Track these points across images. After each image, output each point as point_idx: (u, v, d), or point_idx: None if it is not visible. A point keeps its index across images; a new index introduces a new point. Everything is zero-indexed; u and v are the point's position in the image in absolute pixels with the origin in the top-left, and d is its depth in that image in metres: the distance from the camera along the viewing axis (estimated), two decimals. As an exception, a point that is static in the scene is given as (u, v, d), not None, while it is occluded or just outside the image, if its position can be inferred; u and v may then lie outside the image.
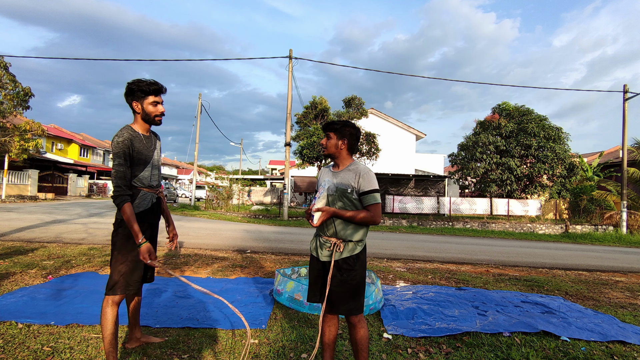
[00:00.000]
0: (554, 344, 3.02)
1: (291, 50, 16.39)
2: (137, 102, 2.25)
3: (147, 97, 2.25)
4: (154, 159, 2.35)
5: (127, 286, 2.21)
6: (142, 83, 2.23)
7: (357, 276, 2.15)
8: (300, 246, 8.15)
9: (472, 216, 17.79)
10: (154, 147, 2.37)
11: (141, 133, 2.29)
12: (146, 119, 2.29)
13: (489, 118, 18.84)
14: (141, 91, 2.23)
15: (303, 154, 15.57)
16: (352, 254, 2.15)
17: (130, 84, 2.24)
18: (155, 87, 2.25)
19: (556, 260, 8.11)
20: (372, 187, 2.12)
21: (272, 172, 51.06)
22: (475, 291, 4.62)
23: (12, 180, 21.10)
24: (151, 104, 2.25)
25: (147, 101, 2.25)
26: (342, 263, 2.15)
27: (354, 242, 2.16)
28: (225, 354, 2.57)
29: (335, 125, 2.22)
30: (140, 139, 2.26)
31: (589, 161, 24.35)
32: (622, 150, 16.58)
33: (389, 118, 25.66)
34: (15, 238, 7.24)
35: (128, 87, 2.25)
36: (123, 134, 2.18)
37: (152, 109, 2.26)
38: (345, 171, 2.20)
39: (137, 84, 2.23)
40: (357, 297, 2.17)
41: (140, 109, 2.26)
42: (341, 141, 2.20)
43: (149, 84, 2.23)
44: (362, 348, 2.16)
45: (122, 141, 2.15)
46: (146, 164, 2.29)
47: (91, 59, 17.20)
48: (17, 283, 4.01)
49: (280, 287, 3.88)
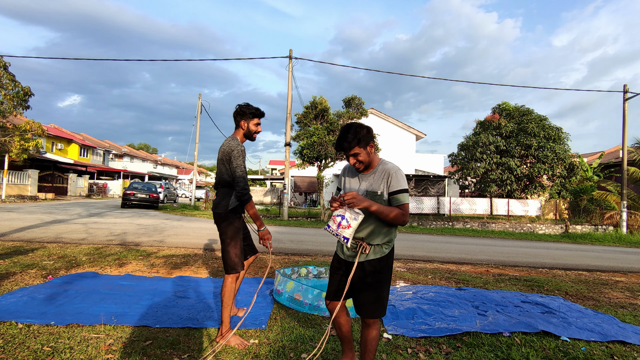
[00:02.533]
0: (554, 344, 3.02)
1: (291, 50, 16.40)
2: (245, 121, 2.78)
3: (253, 119, 2.80)
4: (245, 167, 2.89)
5: (241, 264, 2.76)
6: (252, 107, 2.79)
7: (382, 279, 2.09)
8: (300, 246, 8.15)
9: (472, 216, 17.79)
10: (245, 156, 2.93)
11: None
12: (247, 135, 2.83)
13: (489, 118, 18.84)
14: (251, 113, 2.78)
15: (303, 154, 15.55)
16: (377, 256, 2.08)
17: (242, 107, 2.78)
18: (261, 113, 2.83)
19: (556, 260, 8.11)
20: (402, 186, 2.03)
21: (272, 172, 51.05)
22: (475, 291, 4.62)
23: (12, 180, 21.11)
24: (255, 124, 2.82)
25: (252, 122, 2.80)
26: (367, 265, 2.08)
27: (381, 244, 2.09)
28: (225, 354, 2.57)
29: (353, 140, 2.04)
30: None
31: (589, 161, 24.36)
32: (622, 150, 16.58)
33: (389, 118, 25.66)
34: (15, 238, 7.24)
35: (240, 108, 2.78)
36: (240, 143, 2.74)
37: (254, 129, 2.83)
38: (374, 173, 2.11)
39: (248, 107, 2.78)
40: (381, 299, 2.11)
41: (246, 126, 2.80)
42: (368, 147, 2.08)
43: (257, 109, 2.81)
44: (371, 349, 2.14)
45: (244, 150, 2.73)
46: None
47: (91, 59, 17.23)
48: (17, 283, 4.00)
49: (280, 287, 3.88)
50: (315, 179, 25.04)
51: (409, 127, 25.88)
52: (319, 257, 6.77)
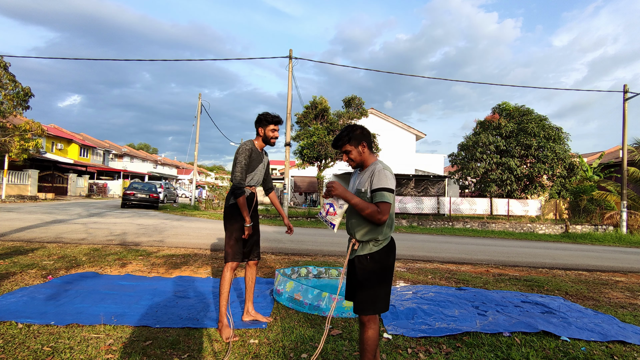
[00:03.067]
0: (554, 344, 3.02)
1: (291, 50, 16.40)
2: (262, 128, 3.07)
3: (269, 125, 3.06)
4: (258, 168, 3.11)
5: (235, 255, 2.98)
6: (268, 116, 3.05)
7: (370, 276, 2.12)
8: (300, 246, 8.15)
9: (472, 216, 17.79)
10: (262, 160, 3.15)
11: (257, 148, 3.10)
12: (265, 140, 3.11)
13: (489, 118, 18.85)
14: (266, 121, 3.05)
15: (303, 154, 15.58)
16: (365, 252, 2.13)
17: (261, 115, 3.07)
18: (276, 120, 3.07)
19: (556, 260, 8.11)
20: (383, 185, 2.07)
21: (272, 172, 51.08)
22: (475, 291, 4.62)
23: (12, 180, 21.10)
24: (271, 130, 3.07)
25: (269, 128, 3.06)
26: (356, 261, 2.16)
27: (367, 241, 2.13)
28: (225, 354, 2.57)
29: (346, 137, 2.21)
30: (257, 152, 3.08)
31: (589, 161, 24.36)
32: (622, 150, 16.58)
33: (389, 118, 25.66)
34: (15, 238, 7.24)
35: (259, 117, 3.07)
36: (247, 144, 3.02)
37: (271, 134, 3.08)
38: (365, 172, 2.21)
39: (265, 116, 3.05)
40: (370, 297, 2.12)
41: (263, 132, 3.08)
42: (360, 146, 2.20)
43: (274, 117, 3.07)
44: (367, 349, 2.10)
45: (249, 148, 2.99)
46: (254, 170, 3.07)
47: (91, 59, 17.23)
48: (17, 283, 4.00)
49: (280, 287, 3.88)
50: (315, 179, 25.04)
51: (409, 127, 25.88)
52: (319, 257, 6.77)
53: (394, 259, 2.23)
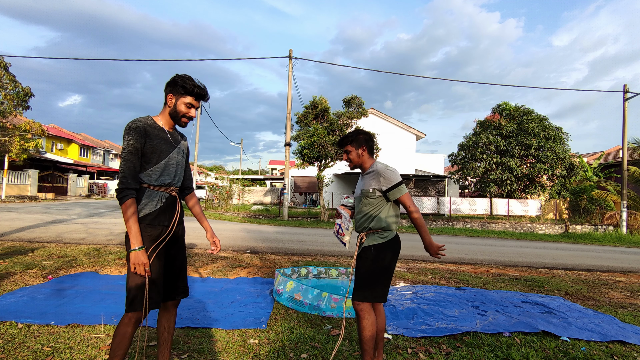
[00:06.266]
0: (554, 344, 3.02)
1: (291, 50, 16.40)
2: (173, 95, 2.03)
3: (185, 96, 2.03)
4: (170, 156, 2.03)
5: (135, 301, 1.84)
6: (188, 82, 2.02)
7: (370, 265, 2.25)
8: (300, 246, 8.15)
9: (472, 216, 17.79)
10: (175, 144, 2.09)
11: (162, 126, 2.05)
12: (173, 116, 2.06)
13: (489, 118, 18.84)
14: (183, 88, 2.01)
15: (303, 154, 15.55)
16: (370, 243, 2.28)
17: (177, 77, 2.05)
18: (198, 91, 2.05)
19: (556, 260, 8.11)
20: (393, 182, 2.27)
21: (272, 172, 51.07)
22: (475, 291, 4.62)
23: (12, 180, 21.10)
24: (186, 104, 2.04)
25: (183, 100, 2.03)
26: (361, 253, 2.31)
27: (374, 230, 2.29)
28: (224, 354, 2.57)
29: (349, 138, 2.42)
30: (159, 131, 2.01)
31: (589, 161, 24.36)
32: (622, 150, 16.57)
33: (389, 118, 25.65)
34: (15, 238, 7.24)
35: (173, 78, 2.05)
36: (138, 121, 1.94)
37: (183, 109, 2.04)
38: (368, 174, 2.39)
39: (183, 79, 2.03)
40: (365, 283, 2.25)
41: (173, 104, 2.03)
42: (360, 149, 2.41)
43: (194, 85, 2.03)
44: (362, 340, 2.23)
45: (135, 128, 1.90)
46: (159, 160, 1.98)
47: (92, 58, 17.21)
48: (17, 283, 4.01)
49: (280, 287, 3.88)
50: (315, 179, 25.03)
51: (409, 127, 25.87)
52: (319, 257, 6.77)
53: (397, 254, 2.34)
